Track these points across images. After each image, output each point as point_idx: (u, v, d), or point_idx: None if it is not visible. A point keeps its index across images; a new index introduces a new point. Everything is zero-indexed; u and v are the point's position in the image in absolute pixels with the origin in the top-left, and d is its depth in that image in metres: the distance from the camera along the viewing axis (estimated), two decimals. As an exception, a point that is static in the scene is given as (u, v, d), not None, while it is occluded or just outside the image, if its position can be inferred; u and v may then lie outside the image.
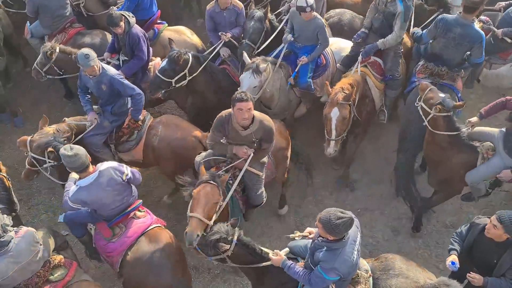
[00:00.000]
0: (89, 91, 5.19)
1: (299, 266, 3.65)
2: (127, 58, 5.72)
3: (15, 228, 3.86)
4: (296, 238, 3.80)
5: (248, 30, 5.75)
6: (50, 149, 4.56)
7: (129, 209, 4.28)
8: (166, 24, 6.62)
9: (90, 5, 6.65)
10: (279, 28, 5.93)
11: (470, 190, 4.94)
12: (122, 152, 5.29)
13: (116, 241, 4.20)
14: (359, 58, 5.51)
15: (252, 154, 4.29)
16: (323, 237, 3.37)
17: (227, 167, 4.38)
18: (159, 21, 6.55)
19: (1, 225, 3.68)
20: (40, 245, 3.83)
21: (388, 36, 5.41)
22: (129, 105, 5.17)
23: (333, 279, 3.39)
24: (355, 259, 3.42)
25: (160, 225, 4.41)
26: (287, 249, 3.93)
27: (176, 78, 5.32)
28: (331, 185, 6.21)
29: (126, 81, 5.00)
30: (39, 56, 5.69)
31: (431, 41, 5.43)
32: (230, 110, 4.18)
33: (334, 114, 4.96)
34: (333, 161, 6.34)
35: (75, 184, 4.05)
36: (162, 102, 6.45)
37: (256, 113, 4.19)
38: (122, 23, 5.38)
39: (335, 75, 5.93)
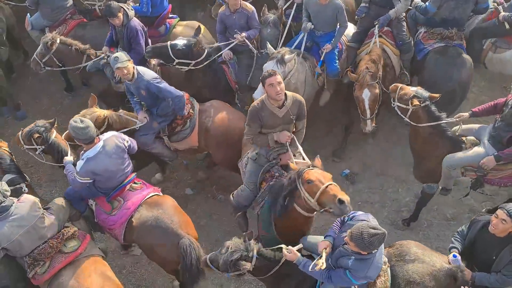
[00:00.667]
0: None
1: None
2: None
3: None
4: (322, 268, 3.37)
5: (266, 38, 5.71)
6: (36, 135, 4.62)
7: (125, 181, 4.44)
8: (178, 18, 6.58)
9: None
10: (287, 25, 5.89)
11: (442, 175, 4.78)
12: (177, 142, 5.34)
13: (116, 214, 4.38)
14: (376, 30, 5.64)
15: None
16: (352, 249, 3.25)
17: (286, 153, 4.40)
18: (170, 16, 6.51)
19: (0, 190, 3.76)
20: (42, 210, 3.93)
21: (397, 6, 5.61)
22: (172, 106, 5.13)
23: (361, 283, 3.39)
24: (382, 263, 3.42)
25: (158, 193, 4.58)
26: (300, 245, 3.83)
27: (180, 60, 5.40)
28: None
29: (163, 85, 4.90)
30: (39, 47, 5.66)
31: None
32: (259, 98, 4.31)
33: (366, 95, 5.10)
34: (333, 154, 6.34)
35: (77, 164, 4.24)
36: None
37: (287, 92, 4.26)
38: (120, 15, 5.33)
39: (348, 53, 6.00)
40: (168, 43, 5.44)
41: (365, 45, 5.81)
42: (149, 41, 5.90)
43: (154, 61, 5.69)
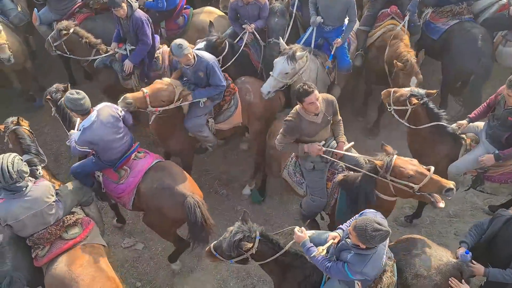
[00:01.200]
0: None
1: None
2: (133, 47, 5.62)
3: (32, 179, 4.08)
4: (321, 254, 3.41)
5: (273, 28, 5.71)
6: (48, 96, 4.91)
7: (129, 151, 4.59)
8: (191, 8, 6.59)
9: None
10: (293, 15, 5.93)
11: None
12: (222, 122, 5.39)
13: (124, 182, 4.55)
14: (407, 17, 5.78)
15: (323, 148, 4.29)
16: (353, 242, 3.23)
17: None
18: (185, 6, 6.53)
19: (17, 170, 3.76)
20: (54, 198, 4.00)
21: None
22: None
23: (359, 279, 3.35)
24: (383, 262, 3.36)
25: (161, 159, 4.78)
26: (313, 231, 3.80)
27: None
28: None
29: (218, 71, 4.99)
30: (53, 31, 5.72)
31: None
32: (293, 111, 4.27)
33: (413, 82, 5.18)
34: (357, 113, 6.64)
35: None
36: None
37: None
38: (124, 5, 5.29)
39: (359, 37, 6.09)
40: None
41: (377, 28, 5.90)
42: (163, 31, 5.92)
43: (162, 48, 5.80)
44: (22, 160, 3.92)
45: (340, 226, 3.67)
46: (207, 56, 4.96)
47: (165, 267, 5.26)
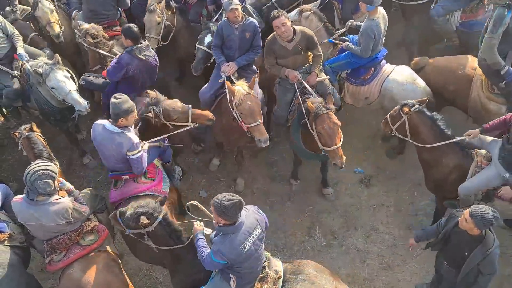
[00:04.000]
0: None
1: (205, 244, 3.64)
2: None
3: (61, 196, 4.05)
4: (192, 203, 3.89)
5: None
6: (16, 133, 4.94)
7: None
8: None
9: None
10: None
11: (460, 201, 4.74)
12: None
13: None
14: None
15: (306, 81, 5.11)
16: (216, 222, 3.43)
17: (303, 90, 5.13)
18: None
19: (31, 182, 3.79)
20: (66, 221, 3.98)
21: None
22: None
23: (219, 262, 3.40)
24: (245, 249, 3.41)
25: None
26: (210, 230, 3.89)
27: None
28: (345, 180, 6.18)
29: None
30: (81, 30, 5.84)
31: None
32: (272, 34, 5.05)
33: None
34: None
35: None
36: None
37: (297, 27, 5.06)
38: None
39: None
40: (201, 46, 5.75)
41: None
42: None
43: None
44: (48, 175, 3.85)
45: None
46: (250, 18, 5.37)
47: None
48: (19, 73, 5.65)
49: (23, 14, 6.49)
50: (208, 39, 5.71)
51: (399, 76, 5.54)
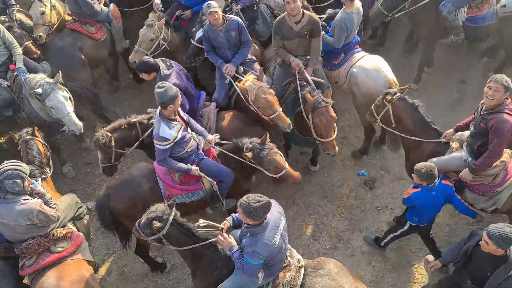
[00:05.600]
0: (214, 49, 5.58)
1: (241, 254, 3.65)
2: None
3: (38, 199, 4.12)
4: (200, 225, 3.81)
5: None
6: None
7: None
8: None
9: None
10: None
11: None
12: None
13: None
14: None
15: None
16: (245, 224, 3.47)
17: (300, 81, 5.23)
18: None
19: (15, 181, 3.84)
20: (31, 222, 3.97)
21: None
22: None
23: (257, 263, 3.43)
24: (277, 243, 3.47)
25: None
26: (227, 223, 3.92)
27: None
28: (350, 183, 6.19)
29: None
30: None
31: None
32: (282, 15, 5.29)
33: None
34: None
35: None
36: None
37: (306, 11, 5.25)
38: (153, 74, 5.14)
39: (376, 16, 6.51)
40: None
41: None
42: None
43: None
44: (17, 175, 3.89)
45: (232, 214, 3.90)
46: (237, 18, 5.45)
47: (184, 280, 5.28)
48: (11, 83, 5.62)
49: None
50: (199, 33, 5.82)
51: (367, 63, 5.71)
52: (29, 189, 4.07)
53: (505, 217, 4.95)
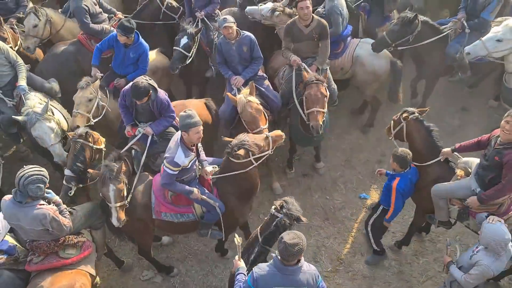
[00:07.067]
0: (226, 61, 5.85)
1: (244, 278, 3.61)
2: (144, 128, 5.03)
3: (55, 207, 4.16)
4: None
5: None
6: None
7: None
8: None
9: None
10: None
11: (434, 206, 4.83)
12: None
13: None
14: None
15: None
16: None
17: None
18: None
19: (23, 185, 3.89)
20: (44, 228, 4.03)
21: None
22: None
23: None
24: None
25: None
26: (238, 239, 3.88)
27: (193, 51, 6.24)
28: (351, 206, 6.22)
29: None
30: None
31: None
32: (293, 19, 5.80)
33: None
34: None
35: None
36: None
37: (315, 16, 5.75)
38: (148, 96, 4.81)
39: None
40: (178, 48, 6.12)
41: None
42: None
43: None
44: (41, 180, 3.95)
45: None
46: (247, 32, 5.70)
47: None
48: (16, 100, 5.60)
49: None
50: (184, 40, 6.06)
51: (366, 45, 6.48)
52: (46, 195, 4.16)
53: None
